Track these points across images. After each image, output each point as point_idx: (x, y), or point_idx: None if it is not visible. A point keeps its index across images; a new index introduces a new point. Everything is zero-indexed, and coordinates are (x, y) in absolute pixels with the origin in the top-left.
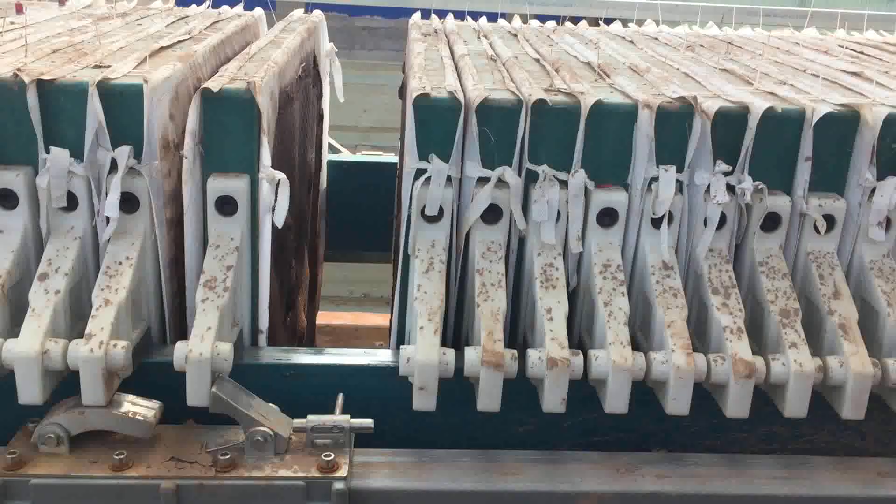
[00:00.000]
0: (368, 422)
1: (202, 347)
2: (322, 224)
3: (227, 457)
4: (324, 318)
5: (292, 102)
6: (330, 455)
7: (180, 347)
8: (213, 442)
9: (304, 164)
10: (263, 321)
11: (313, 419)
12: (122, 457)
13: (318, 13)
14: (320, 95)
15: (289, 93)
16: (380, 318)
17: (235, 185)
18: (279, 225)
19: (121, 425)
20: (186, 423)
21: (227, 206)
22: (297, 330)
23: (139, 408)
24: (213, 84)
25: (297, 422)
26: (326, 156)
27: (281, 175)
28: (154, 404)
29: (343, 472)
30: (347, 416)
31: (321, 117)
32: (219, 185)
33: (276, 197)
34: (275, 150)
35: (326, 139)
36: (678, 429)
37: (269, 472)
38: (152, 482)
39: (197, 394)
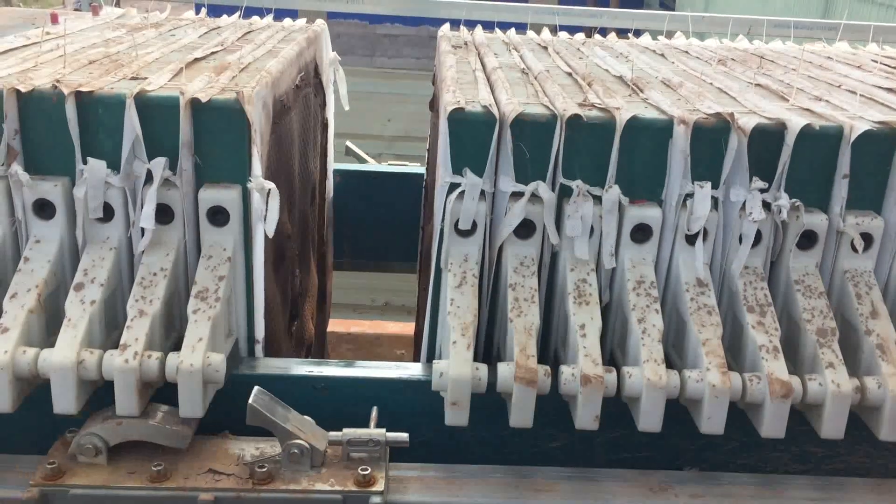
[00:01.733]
0: (404, 436)
1: (193, 358)
2: (330, 233)
3: (263, 469)
4: (345, 326)
5: (289, 112)
6: (367, 469)
7: (172, 359)
8: (249, 454)
9: (306, 173)
10: (259, 331)
11: (349, 432)
12: (159, 468)
13: (320, 22)
14: (324, 104)
15: (284, 102)
16: (401, 327)
17: (227, 196)
18: (270, 235)
19: (158, 435)
20: (222, 434)
21: (218, 216)
22: (304, 339)
23: (176, 418)
24: (203, 94)
25: (333, 435)
26: (332, 164)
27: (271, 185)
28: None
29: (380, 487)
30: (383, 430)
31: (325, 126)
32: (210, 195)
33: (267, 207)
34: (272, 160)
35: (332, 148)
36: (711, 447)
37: (305, 485)
38: (190, 494)
39: (190, 405)
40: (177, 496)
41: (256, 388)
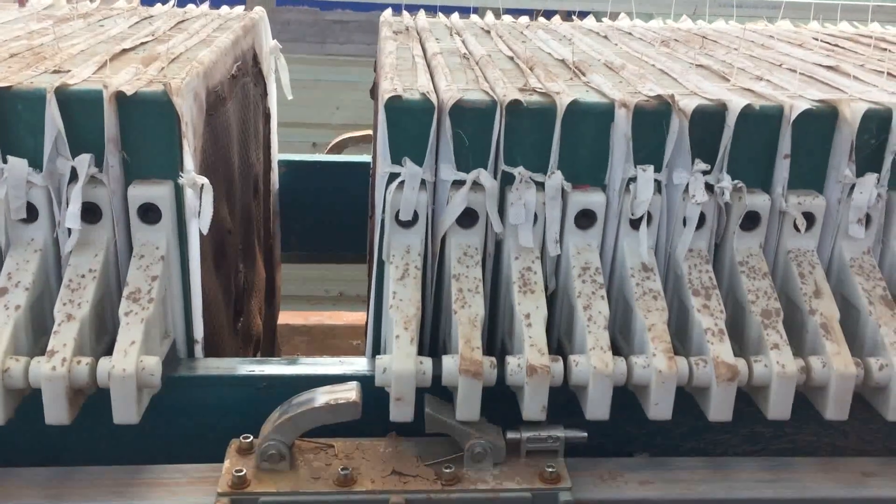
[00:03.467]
0: (582, 433)
1: (126, 363)
2: (276, 225)
3: (450, 470)
4: (300, 317)
5: (225, 103)
6: (553, 466)
7: (103, 364)
8: (428, 455)
9: (247, 166)
10: (198, 330)
11: (525, 429)
12: (346, 472)
13: (258, 9)
14: (265, 94)
15: (219, 93)
16: (356, 317)
17: (158, 192)
18: (204, 231)
19: (332, 415)
20: (389, 435)
21: (150, 213)
22: (251, 335)
23: (339, 393)
24: (129, 87)
25: (510, 432)
26: (277, 155)
27: (204, 180)
28: (350, 385)
29: (568, 483)
30: (561, 426)
31: (267, 117)
32: (140, 192)
33: (201, 202)
34: (207, 153)
35: (275, 138)
36: (660, 432)
37: (493, 484)
38: (381, 497)
39: (124, 412)
40: (368, 500)
41: (427, 395)
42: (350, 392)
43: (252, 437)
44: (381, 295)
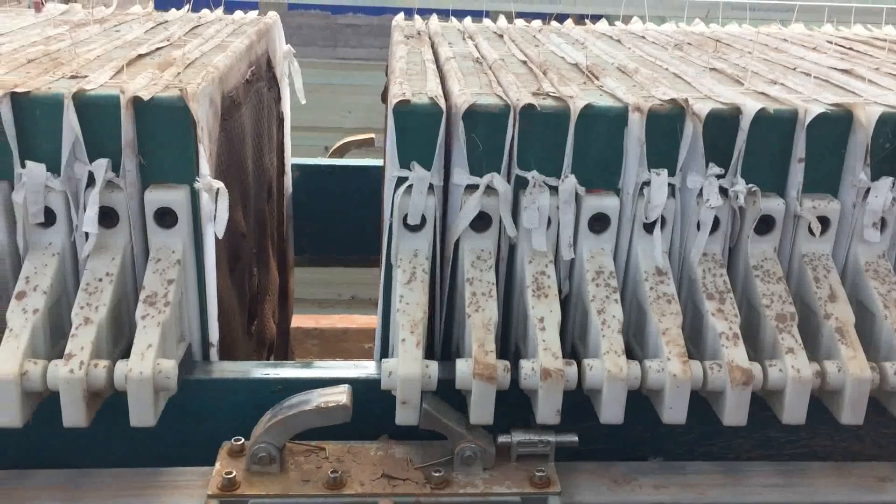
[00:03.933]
0: (573, 437)
1: (143, 366)
2: (290, 229)
3: (440, 473)
4: (311, 321)
5: (240, 108)
6: (542, 470)
7: (120, 367)
8: (419, 458)
9: (260, 170)
10: (213, 334)
11: (517, 433)
12: (336, 475)
13: (272, 14)
14: (278, 99)
15: (234, 98)
16: (368, 320)
17: (174, 197)
18: (220, 235)
19: (322, 418)
20: (381, 439)
21: (166, 217)
22: (265, 339)
23: (329, 396)
24: (145, 92)
25: (501, 436)
26: (290, 159)
27: (219, 184)
28: (341, 388)
29: (557, 488)
30: (552, 431)
31: (281, 121)
32: (156, 196)
33: (216, 206)
34: (222, 158)
35: (289, 142)
36: (674, 436)
37: (483, 488)
38: (369, 500)
39: (140, 415)
40: (357, 503)
41: (429, 394)
42: (341, 395)
43: (243, 440)
44: (390, 298)
